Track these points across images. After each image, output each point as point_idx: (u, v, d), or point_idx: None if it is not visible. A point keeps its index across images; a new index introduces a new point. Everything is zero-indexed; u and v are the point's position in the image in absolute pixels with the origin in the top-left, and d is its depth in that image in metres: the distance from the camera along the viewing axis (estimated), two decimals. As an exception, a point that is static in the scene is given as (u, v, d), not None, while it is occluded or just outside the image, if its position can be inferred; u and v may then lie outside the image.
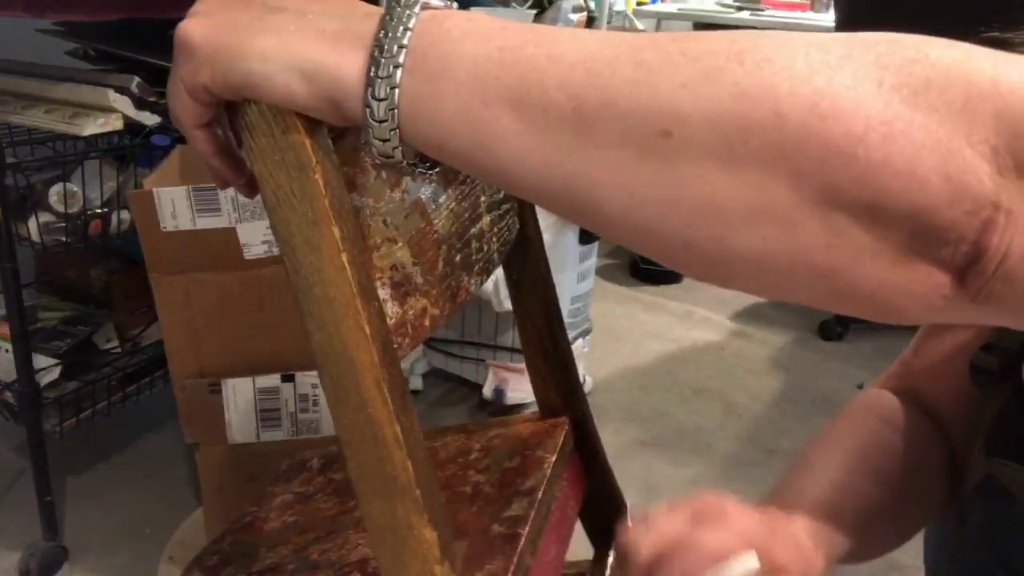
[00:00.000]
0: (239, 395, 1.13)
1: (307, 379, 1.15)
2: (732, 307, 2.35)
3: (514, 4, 1.61)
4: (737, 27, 2.58)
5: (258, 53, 0.33)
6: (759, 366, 2.01)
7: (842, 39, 0.27)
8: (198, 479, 1.19)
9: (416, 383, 1.81)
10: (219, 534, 0.75)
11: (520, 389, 1.64)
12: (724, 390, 1.89)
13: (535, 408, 0.76)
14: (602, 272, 2.47)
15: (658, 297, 2.47)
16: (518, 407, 1.64)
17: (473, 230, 0.60)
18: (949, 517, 0.62)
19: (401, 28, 0.31)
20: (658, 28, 2.98)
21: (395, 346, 0.44)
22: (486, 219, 0.63)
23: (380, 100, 0.31)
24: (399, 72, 0.31)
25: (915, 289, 0.27)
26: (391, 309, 0.46)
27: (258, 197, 0.41)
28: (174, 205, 1.08)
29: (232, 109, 0.37)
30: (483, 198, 0.62)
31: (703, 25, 2.74)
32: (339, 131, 0.41)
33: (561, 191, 0.30)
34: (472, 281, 0.59)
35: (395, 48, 0.31)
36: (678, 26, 2.99)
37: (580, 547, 0.78)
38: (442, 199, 0.55)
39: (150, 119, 1.28)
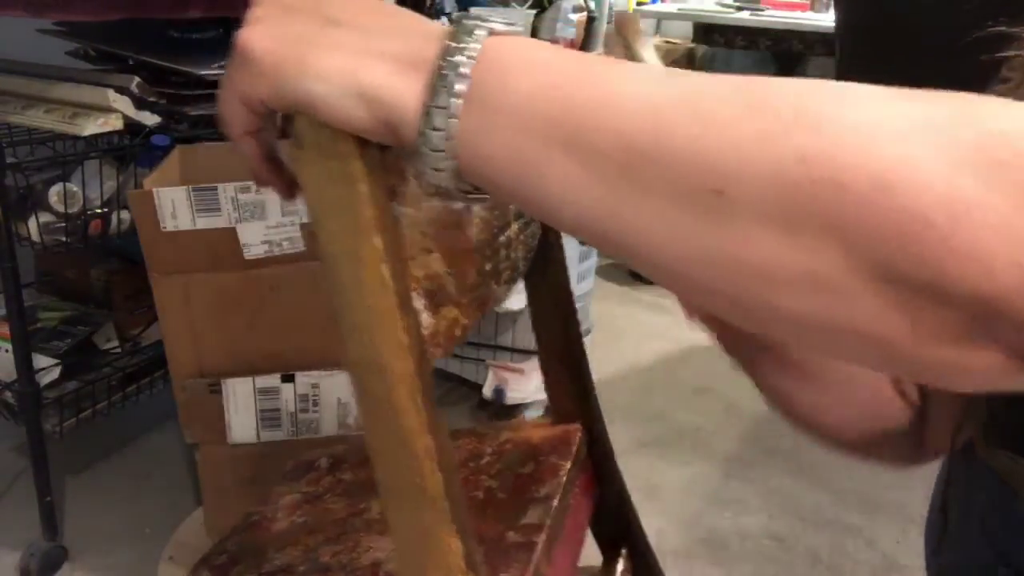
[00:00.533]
0: (239, 395, 1.13)
1: (307, 379, 1.15)
2: (732, 307, 2.35)
3: (514, 4, 1.61)
4: (737, 27, 2.58)
5: (319, 73, 0.33)
6: (759, 366, 2.01)
7: (917, 99, 0.26)
8: (198, 479, 1.19)
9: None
10: (226, 533, 0.74)
11: (520, 389, 1.64)
12: (725, 390, 1.89)
13: (535, 408, 0.76)
14: (602, 272, 2.46)
15: (658, 297, 2.47)
16: (518, 407, 1.64)
17: (501, 238, 0.59)
18: (950, 511, 0.62)
19: (463, 56, 0.31)
20: (658, 28, 2.98)
21: (430, 354, 0.44)
22: (513, 227, 0.62)
23: (437, 130, 0.31)
24: (458, 102, 0.30)
25: (975, 367, 0.26)
26: (425, 319, 0.45)
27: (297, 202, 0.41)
28: (174, 205, 1.08)
29: (285, 117, 0.37)
30: (511, 206, 0.62)
31: (703, 25, 2.74)
32: (382, 146, 0.40)
33: (607, 234, 0.30)
34: (500, 289, 0.59)
35: (456, 77, 0.30)
36: (678, 26, 2.99)
37: (586, 552, 0.78)
38: (475, 208, 0.55)
39: (150, 119, 1.27)
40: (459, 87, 0.30)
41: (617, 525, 0.79)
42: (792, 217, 0.25)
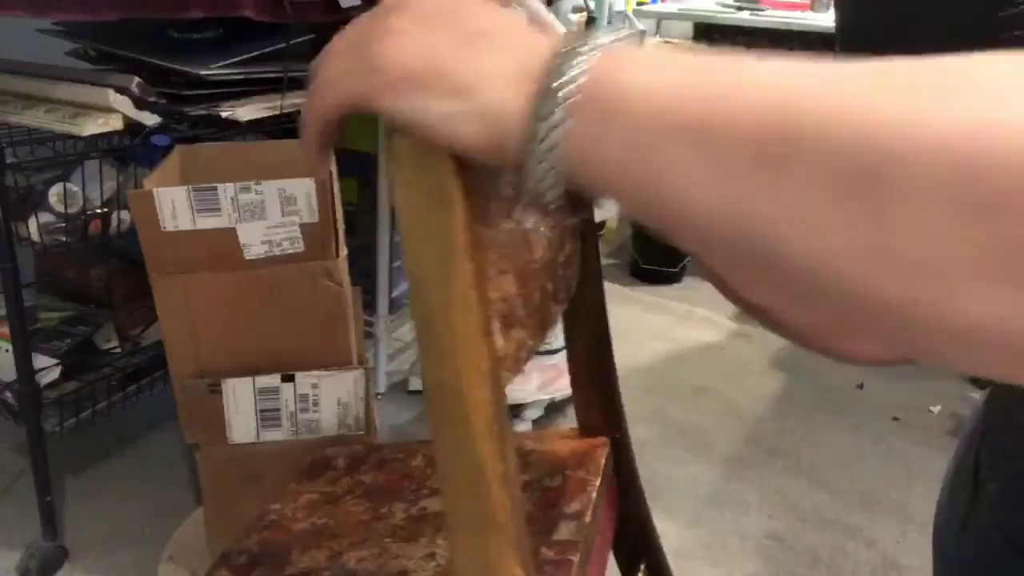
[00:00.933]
0: (239, 395, 1.13)
1: (307, 379, 1.15)
2: (732, 307, 2.35)
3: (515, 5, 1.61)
4: (738, 27, 2.58)
5: (446, 92, 0.33)
6: (760, 366, 2.01)
7: None
8: (198, 479, 1.19)
9: (416, 383, 1.81)
10: (244, 531, 0.73)
11: (520, 389, 1.64)
12: (725, 390, 1.89)
13: (534, 408, 0.76)
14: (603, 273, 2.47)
15: (659, 297, 2.47)
16: (518, 407, 1.64)
17: (560, 258, 0.59)
18: (961, 495, 0.62)
19: (575, 66, 0.30)
20: (658, 29, 2.98)
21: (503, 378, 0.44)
22: (568, 245, 0.62)
23: (541, 141, 0.30)
24: (562, 113, 0.30)
25: None
26: (498, 342, 0.45)
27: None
28: (174, 205, 1.07)
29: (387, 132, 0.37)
30: (568, 223, 0.61)
31: (703, 25, 2.74)
32: (469, 163, 0.40)
33: (738, 233, 0.27)
34: (559, 309, 0.59)
35: (566, 86, 0.30)
36: (678, 26, 2.99)
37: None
38: (541, 228, 0.54)
39: (150, 119, 1.27)
40: (569, 95, 0.29)
41: (637, 542, 0.79)
42: (966, 195, 0.22)
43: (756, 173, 0.26)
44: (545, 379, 1.62)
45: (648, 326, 2.26)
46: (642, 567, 0.79)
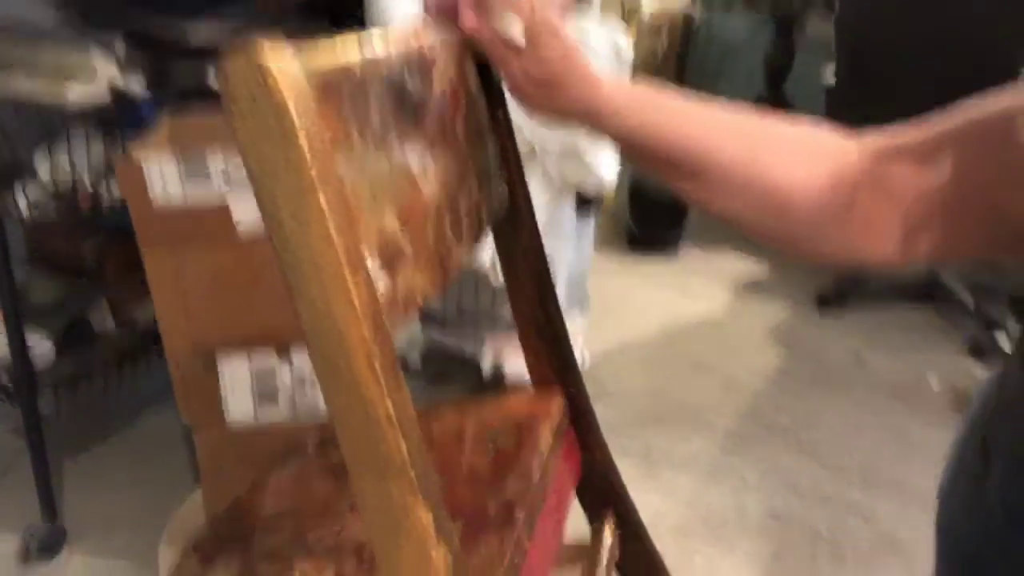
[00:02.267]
0: (235, 374, 1.11)
1: (305, 359, 1.13)
2: (730, 278, 2.34)
3: None
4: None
5: None
6: (757, 339, 2.00)
7: None
8: (196, 460, 1.18)
9: (414, 360, 1.80)
10: (213, 518, 0.75)
11: (519, 363, 1.62)
12: (722, 365, 1.88)
13: (533, 382, 0.76)
14: (600, 246, 2.45)
15: (656, 269, 2.45)
16: (519, 382, 1.62)
17: (462, 197, 0.58)
18: (968, 471, 0.61)
19: None
20: None
21: (386, 321, 0.43)
22: (474, 186, 0.61)
23: None
24: None
25: None
26: (380, 282, 0.44)
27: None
28: (163, 176, 1.04)
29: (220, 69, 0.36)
30: (471, 163, 0.60)
31: None
32: (322, 92, 0.40)
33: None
34: (463, 250, 0.57)
35: None
36: None
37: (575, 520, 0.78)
38: (430, 164, 0.53)
39: (137, 86, 1.24)
40: None
41: (602, 491, 0.79)
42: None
43: None
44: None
45: (644, 299, 2.25)
46: (610, 517, 0.78)
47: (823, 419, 1.64)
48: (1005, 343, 1.84)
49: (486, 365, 1.67)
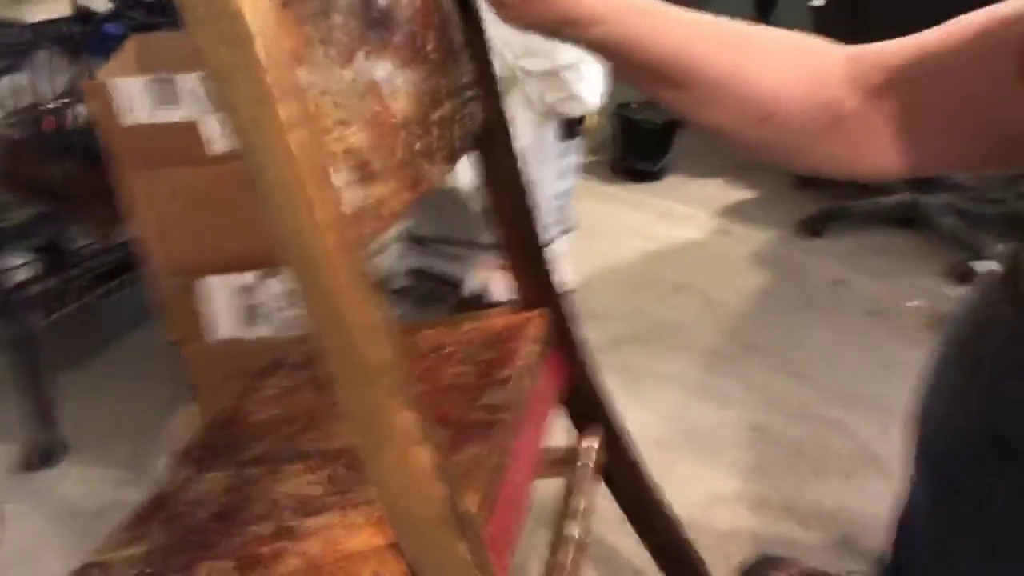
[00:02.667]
0: (217, 293, 1.10)
1: (286, 275, 1.12)
2: (714, 205, 2.33)
3: None
4: None
5: None
6: (740, 263, 2.01)
7: None
8: (185, 375, 1.18)
9: (398, 281, 1.79)
10: (204, 427, 0.75)
11: (503, 286, 1.62)
12: (705, 286, 1.89)
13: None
14: (584, 170, 2.42)
15: (640, 195, 2.44)
16: (502, 304, 1.63)
17: (433, 116, 0.57)
18: (950, 392, 0.62)
19: None
20: None
21: (355, 233, 0.43)
22: (447, 105, 0.60)
23: None
24: None
25: None
26: (348, 195, 0.44)
27: None
28: (131, 97, 1.01)
29: None
30: (443, 82, 0.59)
31: None
32: (281, 1, 0.39)
33: None
34: (435, 169, 0.57)
35: None
36: None
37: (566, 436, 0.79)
38: (399, 81, 0.52)
39: (101, 4, 1.19)
40: None
41: (588, 405, 0.81)
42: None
43: None
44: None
45: (628, 223, 2.24)
46: (596, 429, 0.81)
47: (805, 339, 1.66)
48: (983, 267, 1.85)
49: (470, 288, 1.67)
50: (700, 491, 1.26)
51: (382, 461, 0.44)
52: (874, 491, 1.24)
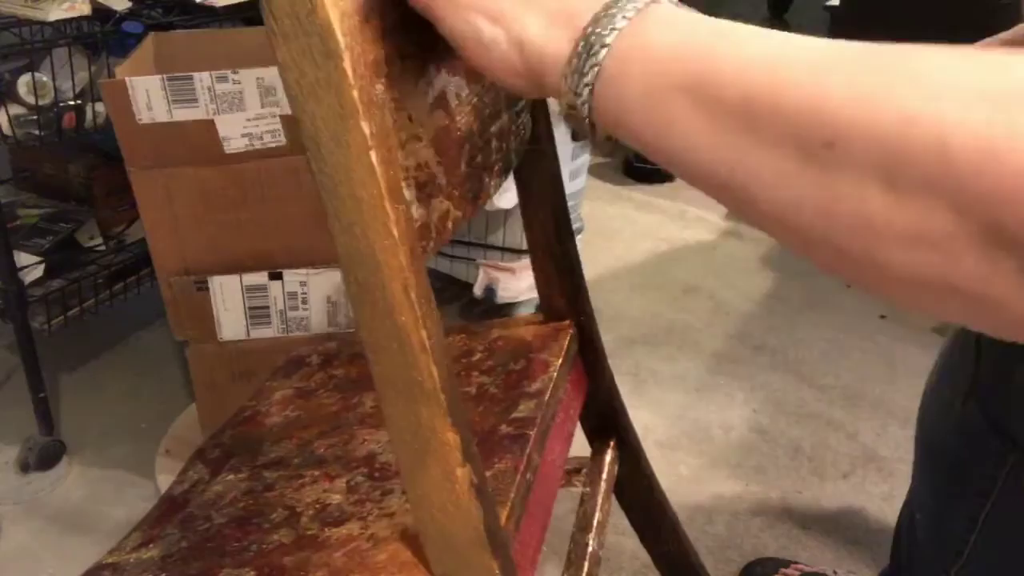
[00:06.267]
0: (227, 293, 1.12)
1: (295, 277, 1.14)
2: (724, 208, 2.32)
3: None
4: None
5: (491, 14, 0.37)
6: (750, 266, 2.01)
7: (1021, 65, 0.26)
8: (190, 375, 1.20)
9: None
10: (219, 427, 0.75)
11: (510, 288, 1.64)
12: (714, 289, 1.89)
13: (526, 307, 0.77)
14: (594, 171, 2.43)
15: (651, 196, 2.44)
16: (508, 306, 1.64)
17: (493, 128, 0.57)
18: (952, 387, 0.63)
19: (620, 14, 0.34)
20: None
21: (421, 248, 0.43)
22: (505, 116, 0.60)
23: (583, 75, 0.34)
24: (604, 53, 0.34)
25: None
26: (416, 211, 0.44)
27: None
28: (148, 95, 1.03)
29: None
30: (501, 94, 0.59)
31: None
32: (364, 15, 0.38)
33: (723, 180, 0.32)
34: (492, 182, 0.57)
35: (608, 33, 0.34)
36: None
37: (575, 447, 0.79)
38: (464, 94, 0.52)
39: (120, 3, 1.21)
40: (609, 39, 0.33)
41: (605, 418, 0.80)
42: (898, 176, 0.26)
43: (739, 131, 0.30)
44: (535, 277, 1.61)
45: (640, 225, 2.24)
46: (612, 442, 0.81)
47: (811, 341, 1.66)
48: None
49: (478, 289, 1.68)
50: (701, 492, 1.27)
51: (423, 479, 0.44)
52: (875, 492, 1.25)
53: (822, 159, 0.28)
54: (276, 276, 1.13)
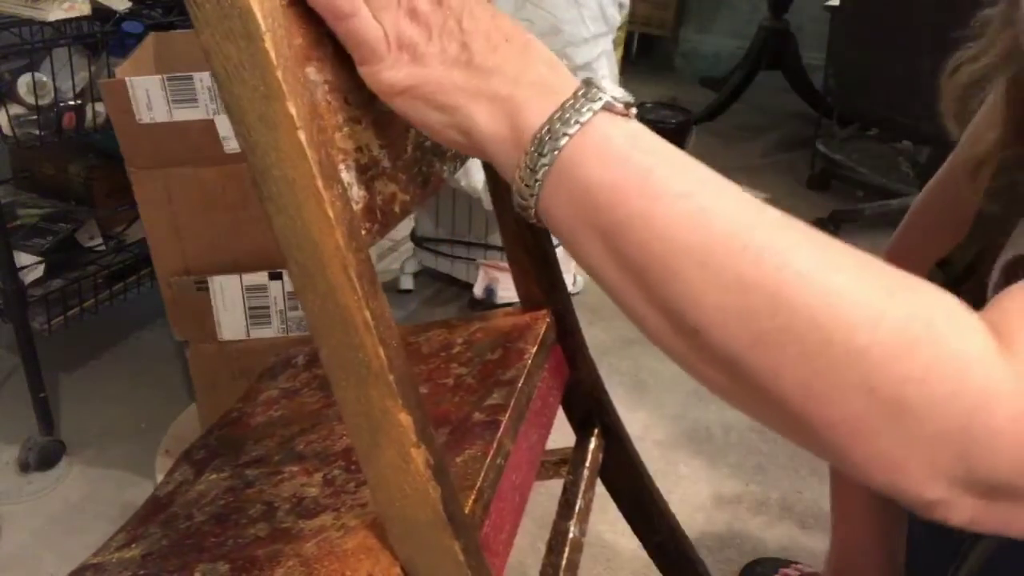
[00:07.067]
0: (227, 293, 1.12)
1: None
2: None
3: None
4: None
5: (443, 106, 0.41)
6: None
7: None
8: (190, 375, 1.20)
9: (407, 282, 1.81)
10: (206, 430, 0.76)
11: (510, 288, 1.63)
12: (714, 288, 1.89)
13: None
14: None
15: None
16: (509, 306, 1.64)
17: None
18: None
19: (572, 122, 0.36)
20: None
21: (363, 231, 0.43)
22: None
23: (532, 171, 0.37)
24: (547, 162, 0.37)
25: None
26: (357, 193, 0.44)
27: None
28: (149, 96, 1.03)
29: None
30: None
31: None
32: None
33: (623, 306, 0.38)
34: (444, 167, 0.57)
35: (560, 138, 0.36)
36: None
37: (564, 437, 0.80)
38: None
39: (120, 3, 1.21)
40: (561, 142, 0.37)
41: (588, 407, 0.81)
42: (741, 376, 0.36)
43: (634, 283, 0.36)
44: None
45: (640, 225, 2.25)
46: (596, 430, 0.81)
47: (811, 341, 1.66)
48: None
49: (478, 289, 1.68)
50: (701, 492, 1.27)
51: (379, 462, 0.44)
52: (876, 494, 1.25)
53: (688, 339, 0.35)
54: (276, 276, 1.13)
